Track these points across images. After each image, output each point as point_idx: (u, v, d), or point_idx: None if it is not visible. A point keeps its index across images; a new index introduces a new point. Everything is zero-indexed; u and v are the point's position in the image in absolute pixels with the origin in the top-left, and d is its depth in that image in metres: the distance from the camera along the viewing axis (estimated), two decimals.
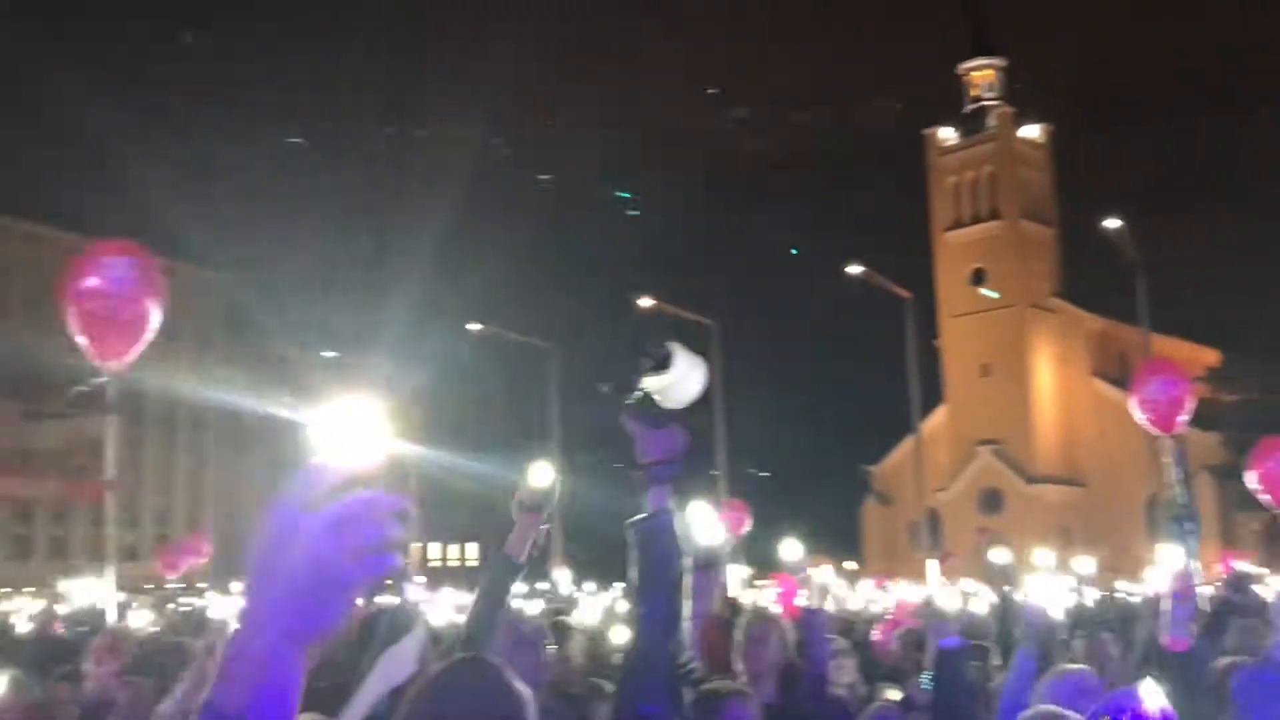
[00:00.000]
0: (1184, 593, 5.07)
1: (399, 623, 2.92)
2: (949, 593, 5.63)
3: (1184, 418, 8.91)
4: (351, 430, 1.30)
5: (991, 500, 59.17)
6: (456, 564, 64.85)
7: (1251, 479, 9.51)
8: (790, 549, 5.63)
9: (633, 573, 2.63)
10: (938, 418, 59.18)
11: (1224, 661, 4.87)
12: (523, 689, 2.19)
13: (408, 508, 1.17)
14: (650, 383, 2.55)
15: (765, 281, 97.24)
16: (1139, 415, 9.02)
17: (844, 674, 5.49)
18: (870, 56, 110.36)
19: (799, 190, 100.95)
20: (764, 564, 16.25)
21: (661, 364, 2.54)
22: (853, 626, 9.54)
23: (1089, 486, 58.45)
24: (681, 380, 2.56)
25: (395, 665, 2.74)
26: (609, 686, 4.86)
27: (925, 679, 4.83)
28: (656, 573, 2.58)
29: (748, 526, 16.37)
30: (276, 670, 1.14)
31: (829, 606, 5.44)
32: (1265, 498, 9.58)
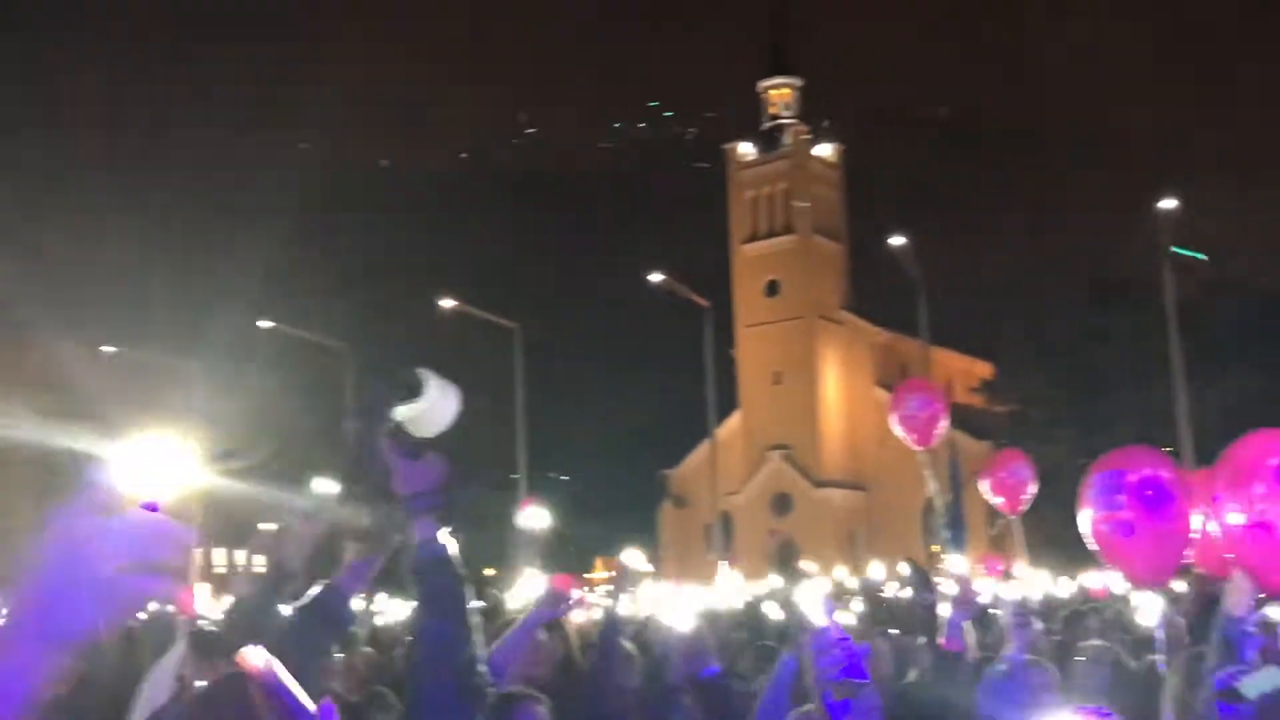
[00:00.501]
0: (965, 603, 5.40)
1: (160, 637, 2.81)
2: (729, 595, 5.81)
3: (940, 432, 9.40)
4: (152, 464, 1.21)
5: (781, 503, 61.12)
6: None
7: (985, 487, 10.14)
8: (631, 555, 5.79)
9: (416, 602, 2.56)
10: (732, 423, 60.70)
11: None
12: (287, 701, 2.15)
13: (189, 540, 1.15)
14: (401, 411, 2.43)
15: (571, 287, 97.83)
16: (899, 432, 9.51)
17: (632, 677, 5.56)
18: (683, 71, 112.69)
19: (609, 198, 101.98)
20: (569, 565, 16.32)
21: (413, 391, 2.43)
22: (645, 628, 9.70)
23: (871, 490, 61.06)
24: (434, 408, 2.46)
25: (158, 683, 2.64)
26: (393, 697, 4.81)
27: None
28: (438, 603, 2.51)
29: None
30: (18, 664, 1.11)
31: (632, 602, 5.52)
32: (998, 501, 10.24)
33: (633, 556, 5.67)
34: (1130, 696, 4.63)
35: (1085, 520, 4.02)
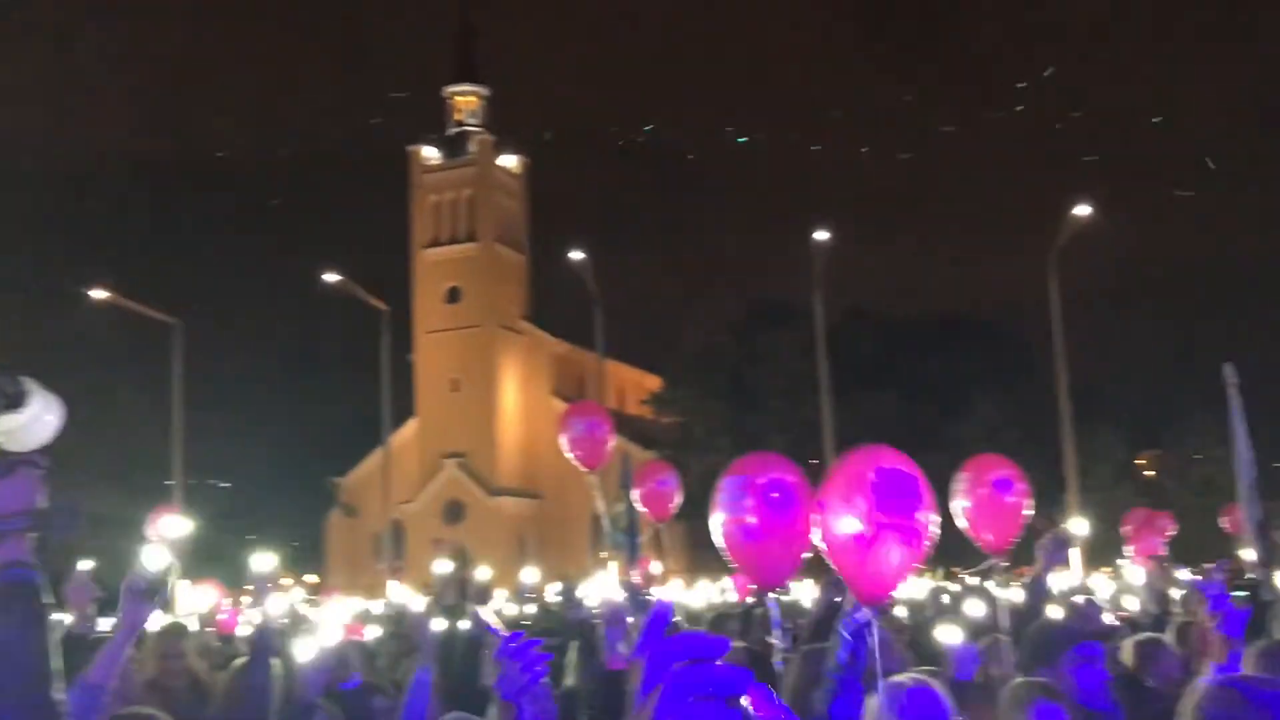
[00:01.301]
0: (618, 618, 5.48)
1: None
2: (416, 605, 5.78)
3: (608, 454, 9.65)
4: None
5: (454, 511, 60.92)
6: None
7: (635, 496, 10.65)
8: (261, 560, 5.45)
9: None
10: (408, 430, 59.91)
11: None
12: None
13: None
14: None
15: (241, 286, 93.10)
16: (568, 453, 9.64)
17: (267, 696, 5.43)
18: (369, 67, 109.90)
19: (286, 193, 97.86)
20: (229, 579, 15.54)
21: (13, 403, 2.23)
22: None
23: (544, 499, 62.03)
24: (34, 422, 2.26)
25: None
26: None
27: None
28: (11, 630, 2.23)
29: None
30: None
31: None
32: (644, 511, 10.78)
33: (263, 561, 5.42)
34: None
35: (715, 524, 4.18)
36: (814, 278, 30.01)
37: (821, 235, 29.29)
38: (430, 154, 64.75)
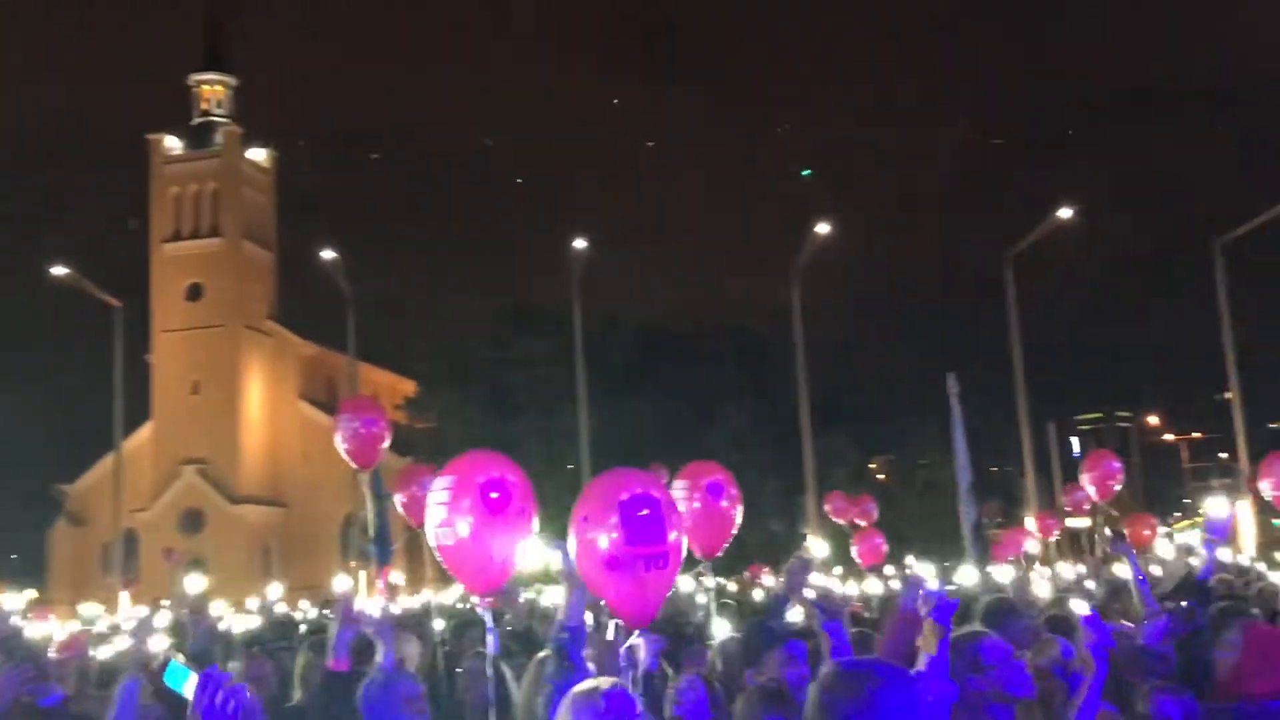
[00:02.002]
0: (349, 617, 5.41)
1: None
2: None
3: (382, 452, 9.54)
4: None
5: (193, 520, 57.96)
6: None
7: (398, 501, 10.59)
8: None
9: None
10: (143, 435, 56.59)
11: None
12: None
13: None
14: None
15: None
16: (342, 449, 9.45)
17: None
18: (113, 52, 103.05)
19: (18, 183, 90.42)
20: None
21: None
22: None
23: (290, 507, 59.92)
24: None
25: None
26: None
27: None
28: None
29: None
30: None
31: None
32: (406, 517, 10.74)
33: None
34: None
35: (429, 529, 4.03)
36: (572, 284, 30.36)
37: (580, 243, 29.68)
38: (173, 144, 61.48)
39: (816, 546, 14.52)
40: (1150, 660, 5.44)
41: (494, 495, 4.01)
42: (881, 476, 54.17)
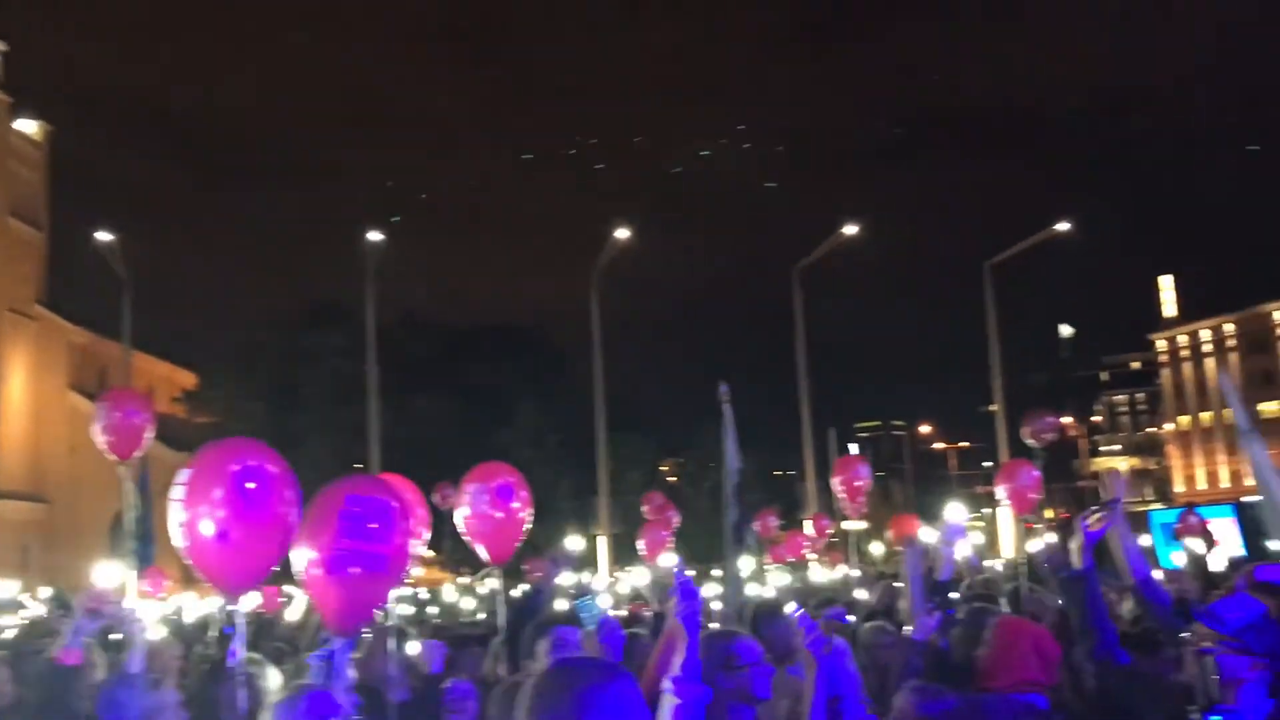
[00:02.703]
0: (94, 612, 5.15)
1: None
2: None
3: (144, 443, 9.13)
4: None
5: None
6: None
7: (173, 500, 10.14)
8: None
9: None
10: None
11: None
12: None
13: None
14: None
15: None
16: (100, 442, 8.99)
17: None
18: None
19: None
20: None
21: None
22: None
23: (55, 503, 56.33)
24: None
25: None
26: None
27: None
28: None
29: None
30: None
31: None
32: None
33: None
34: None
35: (172, 525, 3.82)
36: (367, 279, 29.71)
37: (375, 235, 29.08)
38: None
39: (572, 542, 14.74)
40: (915, 659, 5.74)
41: (250, 486, 3.73)
42: (673, 479, 55.24)
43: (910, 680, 5.10)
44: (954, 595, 6.20)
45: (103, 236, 30.31)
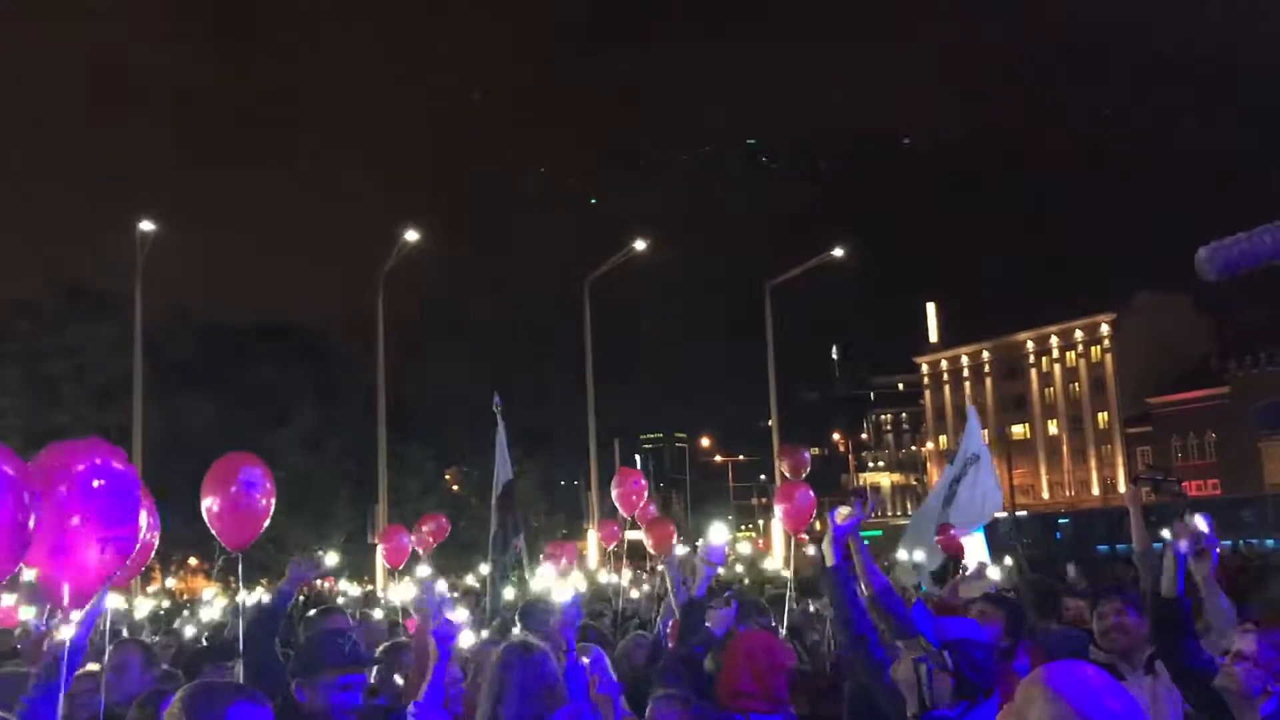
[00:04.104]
0: None
1: None
2: None
3: None
4: None
5: None
6: None
7: None
8: None
9: None
10: None
11: None
12: None
13: None
14: None
15: None
16: None
17: None
18: None
19: None
20: None
21: None
22: None
23: None
24: None
25: None
26: None
27: None
28: None
29: None
30: None
31: None
32: None
33: None
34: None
35: None
36: (136, 271, 28.16)
37: (147, 225, 27.61)
38: None
39: (331, 558, 14.46)
40: (666, 668, 5.90)
41: None
42: (456, 488, 54.62)
43: (660, 689, 5.25)
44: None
45: None
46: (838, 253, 34.65)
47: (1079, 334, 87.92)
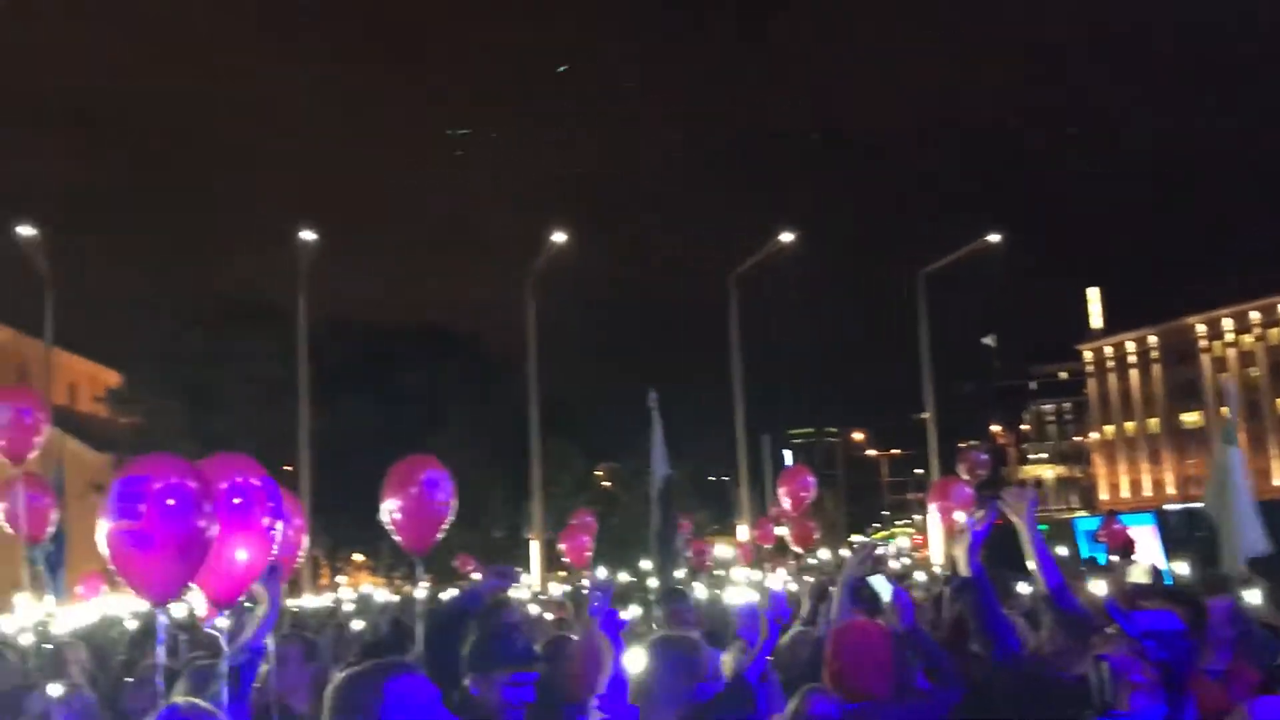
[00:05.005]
0: None
1: None
2: None
3: (39, 444, 8.69)
4: None
5: None
6: None
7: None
8: None
9: None
10: None
11: None
12: None
13: None
14: None
15: None
16: None
17: None
18: None
19: None
20: None
21: None
22: None
23: None
24: None
25: None
26: None
27: None
28: None
29: None
30: None
31: None
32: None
33: None
34: None
35: (102, 532, 3.81)
36: (299, 279, 29.22)
37: (308, 235, 28.61)
38: None
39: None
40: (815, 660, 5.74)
41: (170, 502, 3.81)
42: (607, 484, 55.13)
43: (809, 682, 5.08)
44: None
45: (25, 232, 29.47)
46: (993, 238, 33.53)
47: (1254, 315, 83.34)
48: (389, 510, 6.35)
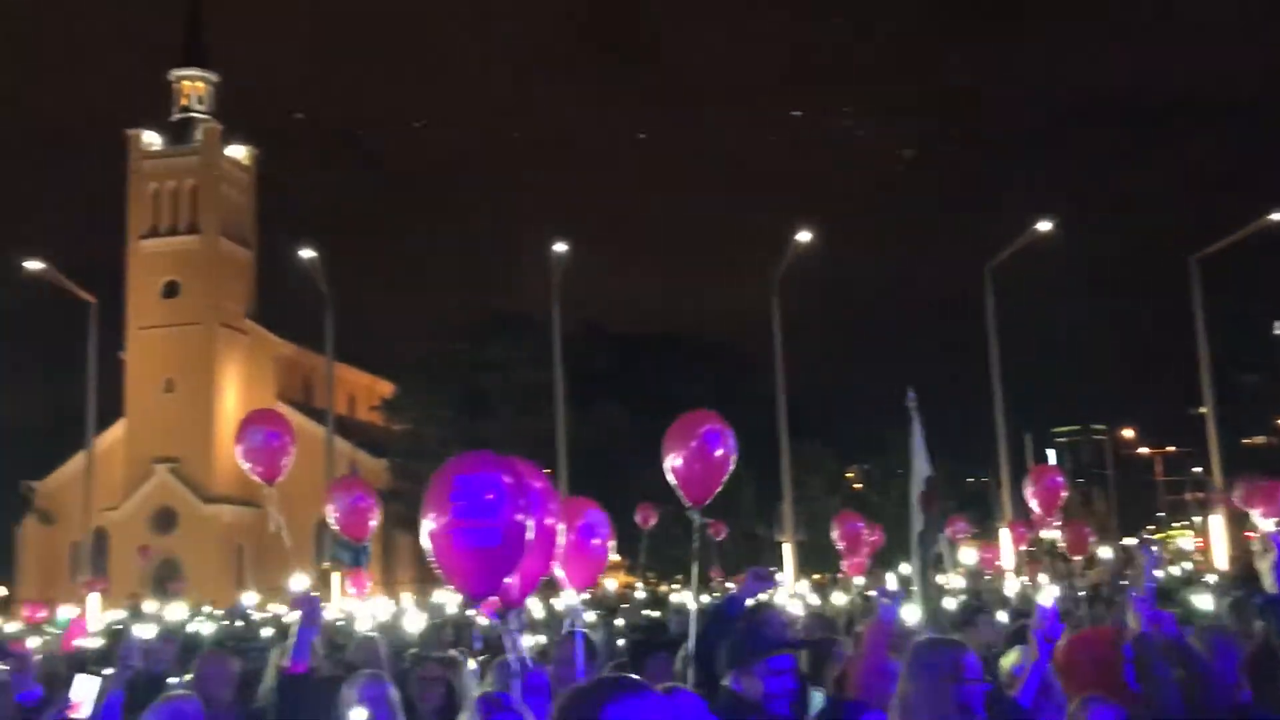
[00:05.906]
0: (311, 617, 5.25)
1: None
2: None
3: (286, 465, 9.04)
4: None
5: (165, 520, 57.43)
6: None
7: (331, 515, 10.46)
8: None
9: None
10: (115, 433, 56.09)
11: None
12: None
13: None
14: None
15: None
16: (245, 466, 8.96)
17: None
18: (89, 43, 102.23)
19: None
20: None
21: None
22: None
23: (263, 508, 59.44)
24: None
25: None
26: None
27: None
28: None
29: None
30: None
31: None
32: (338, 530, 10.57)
33: None
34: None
35: (424, 531, 3.92)
36: (552, 289, 30.27)
37: (560, 247, 29.58)
38: (151, 139, 60.99)
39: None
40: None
41: (489, 497, 3.91)
42: (858, 486, 54.27)
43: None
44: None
45: (306, 254, 31.79)
46: (1276, 217, 30.82)
47: None
48: (670, 464, 6.41)
